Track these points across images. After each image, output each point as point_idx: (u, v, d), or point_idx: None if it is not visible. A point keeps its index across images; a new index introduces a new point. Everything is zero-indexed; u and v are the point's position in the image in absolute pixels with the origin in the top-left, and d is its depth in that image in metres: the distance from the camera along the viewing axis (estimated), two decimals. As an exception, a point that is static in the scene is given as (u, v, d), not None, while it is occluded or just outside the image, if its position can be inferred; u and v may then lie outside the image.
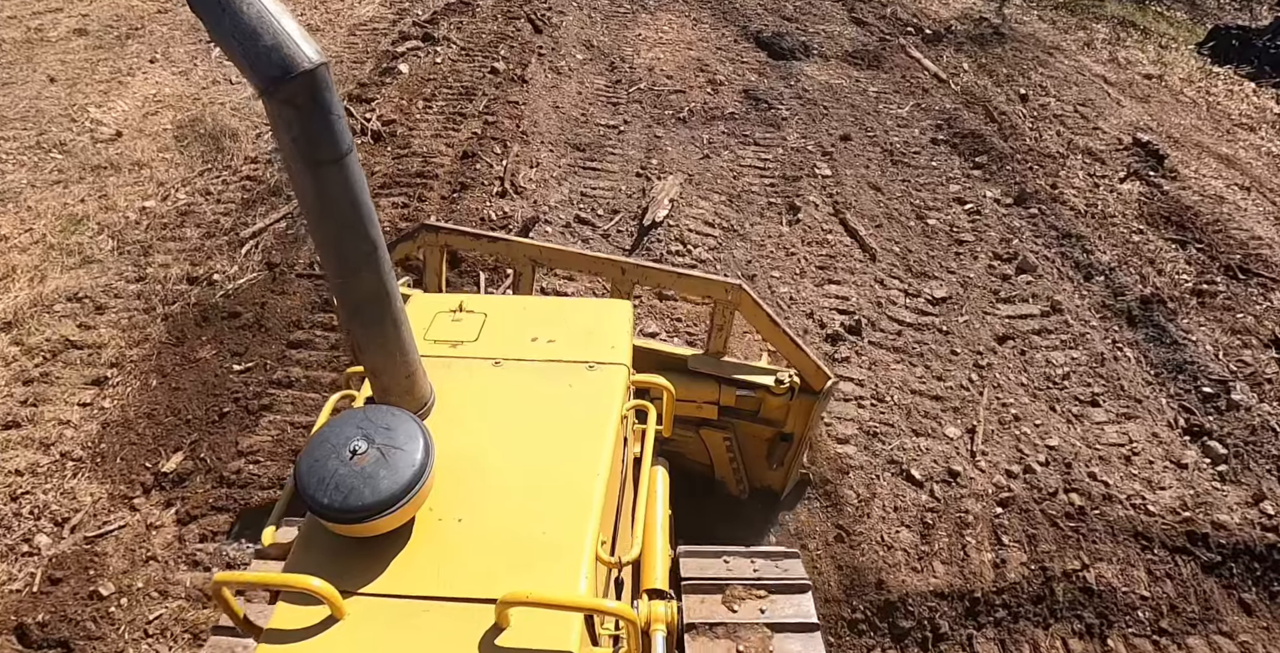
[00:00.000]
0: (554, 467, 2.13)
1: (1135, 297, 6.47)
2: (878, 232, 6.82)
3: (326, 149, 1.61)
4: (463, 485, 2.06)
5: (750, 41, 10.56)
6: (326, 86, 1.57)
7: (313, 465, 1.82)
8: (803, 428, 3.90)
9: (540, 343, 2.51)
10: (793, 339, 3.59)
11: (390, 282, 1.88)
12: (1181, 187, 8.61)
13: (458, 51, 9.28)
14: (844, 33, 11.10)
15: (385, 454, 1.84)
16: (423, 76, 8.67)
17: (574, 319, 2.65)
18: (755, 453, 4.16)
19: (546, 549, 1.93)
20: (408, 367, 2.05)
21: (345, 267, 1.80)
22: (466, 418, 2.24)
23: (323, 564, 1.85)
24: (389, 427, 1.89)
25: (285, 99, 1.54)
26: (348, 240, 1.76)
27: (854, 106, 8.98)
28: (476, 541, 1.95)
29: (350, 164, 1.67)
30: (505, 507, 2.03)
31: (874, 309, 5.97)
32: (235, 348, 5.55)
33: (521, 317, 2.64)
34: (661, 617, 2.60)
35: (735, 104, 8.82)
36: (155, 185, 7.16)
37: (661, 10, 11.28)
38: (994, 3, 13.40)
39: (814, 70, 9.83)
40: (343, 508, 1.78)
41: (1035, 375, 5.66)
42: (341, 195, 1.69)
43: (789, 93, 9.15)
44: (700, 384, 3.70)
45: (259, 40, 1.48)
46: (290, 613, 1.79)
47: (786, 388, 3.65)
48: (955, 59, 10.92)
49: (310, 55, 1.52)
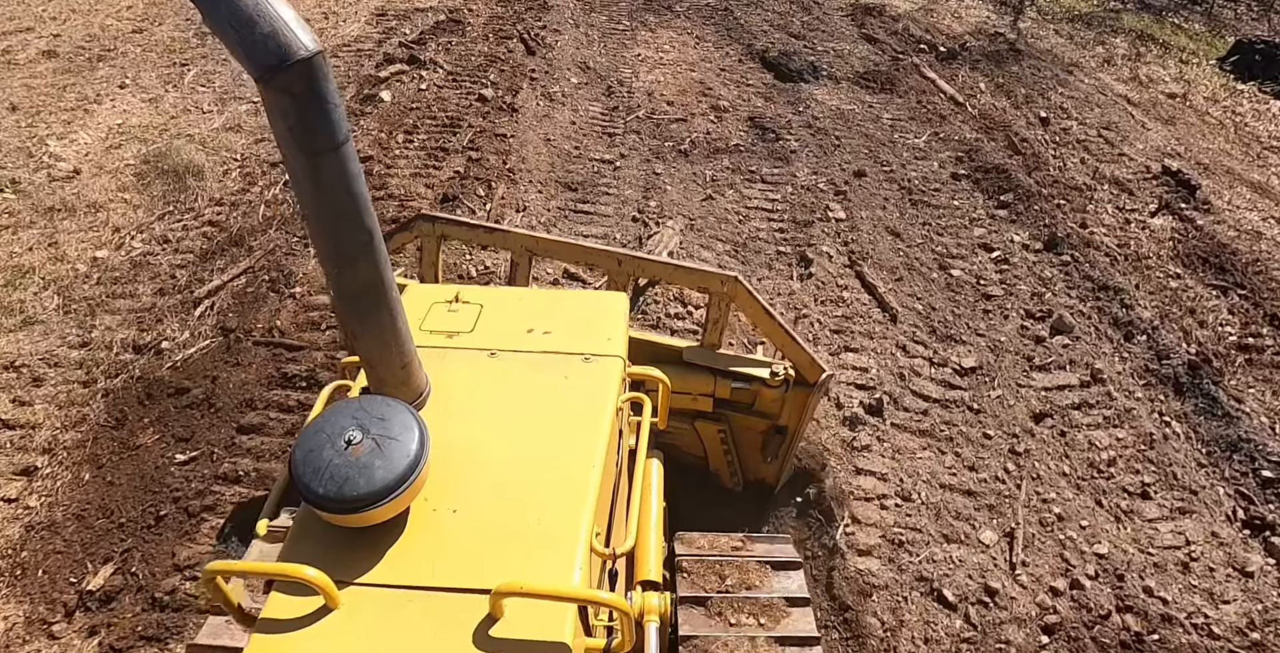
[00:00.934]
0: (549, 458, 2.09)
1: (1181, 361, 5.72)
2: (898, 286, 6.06)
3: (323, 138, 1.57)
4: (458, 476, 2.02)
5: (756, 62, 9.77)
6: (323, 75, 1.52)
7: (307, 455, 1.78)
8: (797, 421, 3.81)
9: (536, 334, 2.47)
10: (787, 332, 3.49)
11: (386, 271, 1.83)
12: (1216, 221, 7.86)
13: (444, 76, 8.50)
14: (854, 51, 10.30)
15: (380, 444, 1.80)
16: (405, 105, 7.91)
17: (570, 311, 2.61)
18: (750, 446, 4.06)
19: (541, 540, 1.90)
20: (403, 357, 2.01)
21: (342, 256, 1.75)
22: (462, 409, 2.20)
23: (317, 554, 1.82)
24: (384, 417, 1.85)
25: (281, 87, 1.49)
26: (344, 229, 1.71)
27: (867, 136, 8.20)
28: (471, 531, 1.92)
29: (347, 153, 1.62)
30: (500, 498, 1.99)
31: (896, 382, 5.23)
32: (180, 432, 4.82)
33: (517, 308, 2.59)
34: (655, 608, 2.55)
35: (740, 134, 8.05)
36: (110, 231, 6.42)
37: (663, 27, 10.49)
38: (1008, 17, 12.59)
39: (824, 94, 9.05)
40: (337, 498, 1.74)
41: (1078, 462, 4.92)
42: (338, 184, 1.64)
43: (798, 121, 8.38)
44: (696, 376, 3.63)
45: (255, 28, 1.44)
46: (284, 603, 1.76)
47: (781, 380, 3.58)
48: (971, 78, 10.14)
49: (307, 43, 1.47)
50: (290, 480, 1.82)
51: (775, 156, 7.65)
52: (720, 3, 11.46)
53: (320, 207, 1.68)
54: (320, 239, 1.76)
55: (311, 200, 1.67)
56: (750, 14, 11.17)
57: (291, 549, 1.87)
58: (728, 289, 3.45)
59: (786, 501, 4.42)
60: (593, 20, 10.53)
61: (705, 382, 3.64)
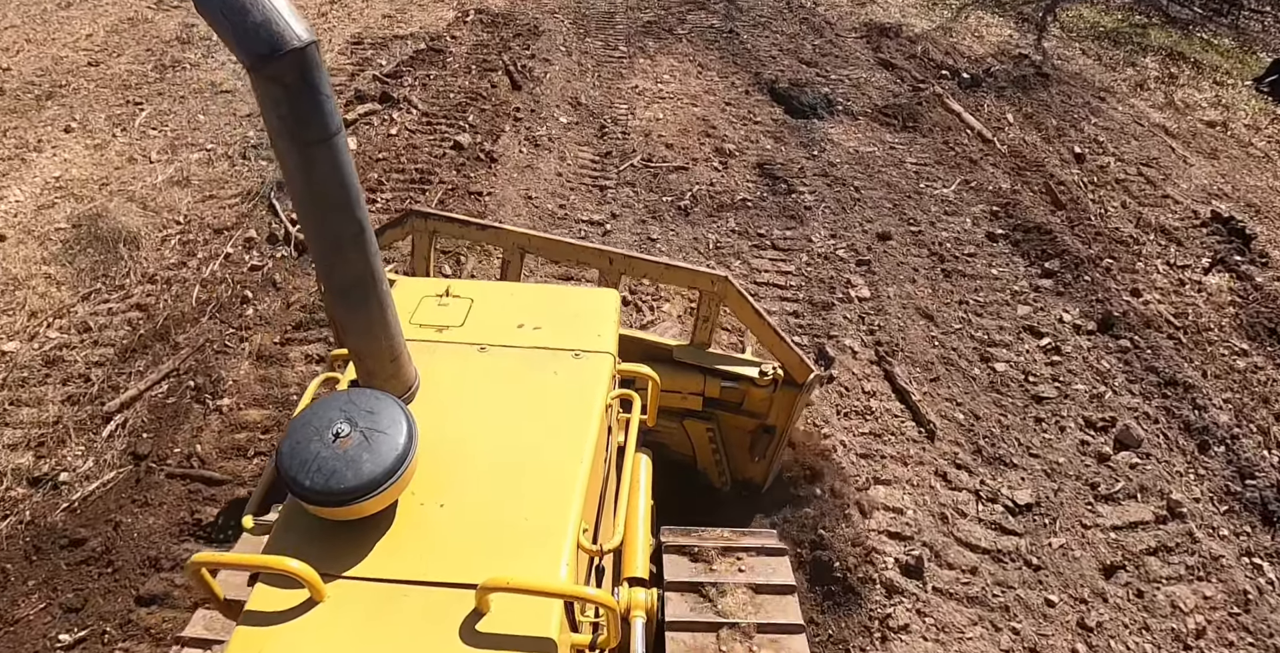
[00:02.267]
0: (537, 453, 2.01)
1: (1268, 482, 4.68)
2: (934, 389, 5.00)
3: (315, 128, 1.50)
4: (446, 470, 1.94)
5: (764, 93, 8.66)
6: (315, 65, 1.46)
7: (295, 448, 1.70)
8: (785, 421, 3.68)
9: (526, 330, 2.39)
10: (776, 332, 3.40)
11: (376, 264, 1.75)
12: (1276, 276, 6.78)
13: (418, 118, 7.42)
14: (871, 80, 9.18)
15: (368, 438, 1.72)
16: (372, 155, 6.84)
17: (561, 307, 2.52)
18: (738, 445, 3.92)
19: (528, 536, 1.82)
20: (393, 350, 1.93)
21: (332, 248, 1.69)
22: (451, 403, 2.12)
23: (303, 547, 1.74)
24: (373, 410, 1.77)
25: (273, 77, 1.43)
26: (335, 221, 1.65)
27: (890, 186, 7.11)
28: (458, 526, 1.84)
29: (338, 144, 1.55)
30: (488, 492, 1.91)
31: (938, 528, 4.18)
32: (70, 600, 3.82)
33: (508, 303, 2.50)
34: (641, 604, 2.51)
35: (749, 185, 6.97)
36: (26, 316, 5.40)
37: (663, 54, 9.38)
38: (1031, 35, 11.43)
39: (840, 133, 7.94)
40: (324, 491, 1.67)
41: (1160, 635, 3.89)
42: (329, 175, 1.58)
43: (812, 167, 7.29)
44: (686, 375, 3.53)
45: (248, 16, 1.38)
46: (269, 595, 1.68)
47: (770, 380, 3.48)
48: (998, 108, 9.03)
49: (300, 33, 1.41)
50: (277, 474, 1.72)
51: (788, 214, 6.57)
52: (725, 25, 10.33)
53: (312, 198, 1.62)
54: (311, 230, 1.69)
55: (303, 191, 1.61)
56: (758, 37, 10.04)
57: (277, 542, 1.80)
58: (718, 288, 3.35)
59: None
60: (587, 46, 9.43)
61: (696, 380, 3.54)
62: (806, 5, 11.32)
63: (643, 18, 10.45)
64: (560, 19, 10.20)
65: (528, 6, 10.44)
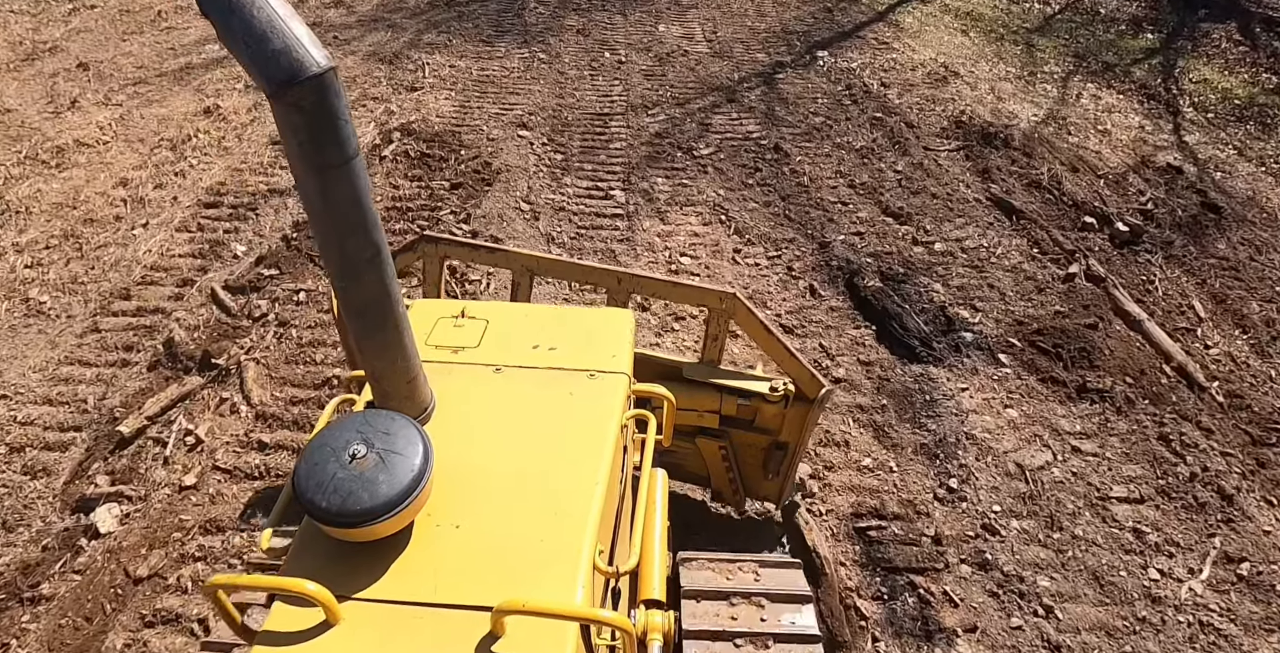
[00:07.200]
0: (553, 475, 1.79)
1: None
2: None
3: (332, 153, 1.37)
4: (461, 492, 1.73)
5: (838, 290, 4.88)
6: (334, 91, 1.33)
7: (311, 469, 1.53)
8: (798, 436, 3.17)
9: (542, 350, 2.15)
10: (786, 347, 2.95)
11: (393, 286, 1.59)
12: None
13: (244, 430, 3.67)
14: (996, 251, 5.36)
15: (384, 459, 1.55)
16: (134, 546, 3.16)
17: (576, 327, 2.27)
18: (751, 462, 3.37)
19: (544, 558, 1.63)
20: (409, 372, 1.73)
21: (349, 270, 1.53)
22: (467, 424, 1.91)
23: (319, 568, 1.56)
24: (389, 432, 1.60)
25: (293, 103, 1.30)
26: (351, 244, 1.49)
27: (1098, 578, 3.43)
28: (474, 547, 1.65)
29: (356, 168, 1.42)
30: (503, 514, 1.71)
31: None
32: None
33: (523, 324, 2.26)
34: (658, 627, 2.22)
35: (850, 573, 3.32)
36: None
37: (676, 204, 5.53)
38: (1166, 124, 7.46)
39: (977, 404, 4.19)
40: (340, 512, 1.49)
41: None
42: (346, 199, 1.43)
43: (949, 519, 3.60)
44: (702, 393, 3.08)
45: (268, 44, 1.26)
46: (285, 616, 1.51)
47: (781, 396, 3.03)
48: (1175, 287, 5.29)
49: (319, 60, 1.28)
50: (293, 495, 1.53)
51: None
52: (767, 134, 6.41)
53: (329, 221, 1.45)
54: (328, 253, 1.51)
55: (320, 215, 1.44)
56: (816, 159, 6.15)
57: (294, 563, 1.61)
58: (726, 306, 2.95)
59: None
60: (561, 195, 5.58)
61: (712, 398, 3.08)
62: (872, 90, 7.33)
63: (650, 127, 6.52)
64: (530, 137, 6.27)
65: (483, 115, 6.51)
